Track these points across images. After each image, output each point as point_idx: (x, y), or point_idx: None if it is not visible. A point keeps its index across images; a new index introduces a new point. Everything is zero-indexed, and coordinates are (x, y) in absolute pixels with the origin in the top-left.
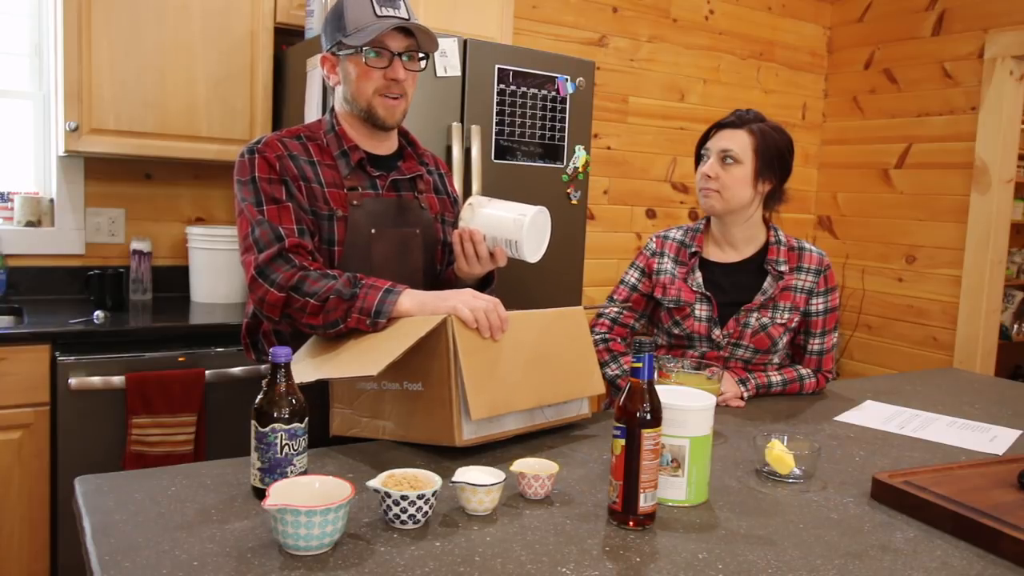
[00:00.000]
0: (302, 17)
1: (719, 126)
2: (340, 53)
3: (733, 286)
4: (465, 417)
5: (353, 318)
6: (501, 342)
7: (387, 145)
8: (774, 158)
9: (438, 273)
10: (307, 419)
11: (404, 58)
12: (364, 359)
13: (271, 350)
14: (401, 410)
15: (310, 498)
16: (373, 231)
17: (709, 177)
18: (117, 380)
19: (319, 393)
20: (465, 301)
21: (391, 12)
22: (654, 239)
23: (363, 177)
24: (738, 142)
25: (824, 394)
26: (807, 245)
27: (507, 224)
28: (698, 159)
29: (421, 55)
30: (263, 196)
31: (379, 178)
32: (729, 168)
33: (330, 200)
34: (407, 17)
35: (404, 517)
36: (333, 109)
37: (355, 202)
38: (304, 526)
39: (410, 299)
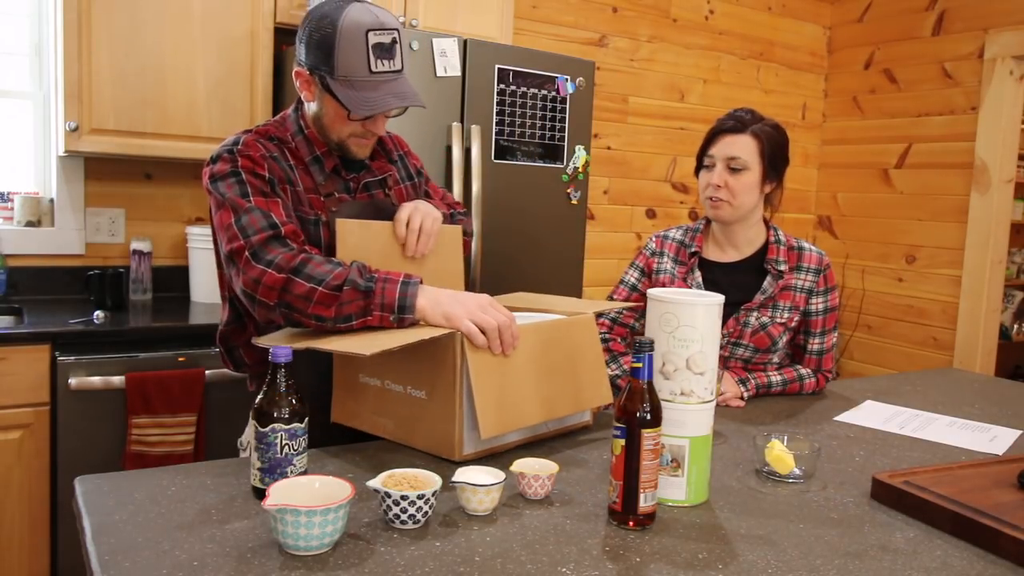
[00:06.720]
0: (302, 17)
1: (720, 131)
2: (322, 85)
3: (733, 285)
4: (468, 433)
5: (375, 315)
6: (512, 356)
7: None
8: (777, 159)
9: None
10: (307, 419)
11: None
12: (359, 341)
13: (271, 350)
14: (403, 413)
15: (310, 498)
16: None
17: (718, 187)
18: (117, 380)
19: (320, 391)
20: (477, 316)
21: (386, 67)
22: (654, 239)
23: (337, 181)
24: (744, 148)
25: (824, 394)
26: (806, 245)
27: None
28: (699, 165)
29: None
30: (250, 188)
31: (351, 180)
32: (738, 176)
33: (313, 204)
34: (400, 68)
35: (404, 517)
36: (300, 108)
37: (333, 208)
38: (304, 526)
39: (424, 297)
